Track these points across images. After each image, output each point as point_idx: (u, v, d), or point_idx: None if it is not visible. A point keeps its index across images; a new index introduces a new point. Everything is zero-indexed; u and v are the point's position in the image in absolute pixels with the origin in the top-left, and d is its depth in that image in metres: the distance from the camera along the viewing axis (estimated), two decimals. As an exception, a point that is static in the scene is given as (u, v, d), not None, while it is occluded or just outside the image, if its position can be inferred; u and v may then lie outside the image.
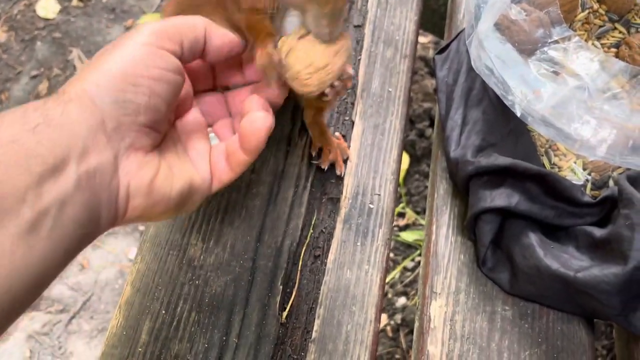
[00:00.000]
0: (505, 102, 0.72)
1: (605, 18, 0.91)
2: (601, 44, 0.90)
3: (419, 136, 1.71)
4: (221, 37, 0.57)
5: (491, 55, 0.70)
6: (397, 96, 0.88)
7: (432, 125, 1.72)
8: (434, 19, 1.21)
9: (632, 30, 0.90)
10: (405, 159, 1.66)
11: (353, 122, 0.85)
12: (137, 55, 0.49)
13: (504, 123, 0.79)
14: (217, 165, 0.57)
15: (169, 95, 0.51)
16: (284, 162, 0.81)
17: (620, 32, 0.90)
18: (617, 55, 0.87)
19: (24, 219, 0.40)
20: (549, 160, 0.79)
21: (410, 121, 1.75)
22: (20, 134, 0.42)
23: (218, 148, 0.59)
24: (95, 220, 0.46)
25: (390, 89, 0.88)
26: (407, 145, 1.69)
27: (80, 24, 2.13)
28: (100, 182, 0.46)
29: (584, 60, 0.65)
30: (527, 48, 0.83)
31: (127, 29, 2.11)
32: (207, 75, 0.63)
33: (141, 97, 0.49)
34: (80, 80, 0.48)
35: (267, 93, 0.60)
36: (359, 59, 0.91)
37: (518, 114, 0.70)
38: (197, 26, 0.55)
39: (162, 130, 0.54)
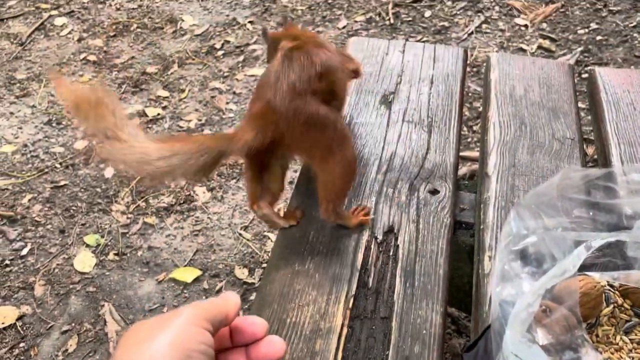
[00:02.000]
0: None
1: (631, 313, 0.92)
2: (630, 339, 0.90)
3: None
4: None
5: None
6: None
7: (463, 388, 1.66)
8: (459, 295, 1.23)
9: (659, 327, 0.91)
10: None
11: None
12: (187, 333, 0.62)
13: None
14: None
15: None
16: None
17: (647, 327, 0.91)
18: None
19: None
20: None
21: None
22: None
23: None
24: None
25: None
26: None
27: (114, 277, 2.20)
28: None
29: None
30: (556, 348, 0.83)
31: (159, 282, 2.17)
32: None
33: None
34: (143, 352, 0.59)
35: None
36: (387, 354, 0.91)
37: None
38: (227, 304, 0.68)
39: None
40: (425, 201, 1.16)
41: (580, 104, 2.08)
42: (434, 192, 1.18)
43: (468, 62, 2.99)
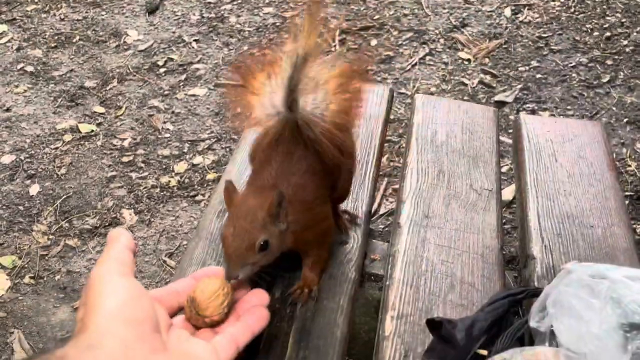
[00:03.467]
0: None
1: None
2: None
3: None
4: None
5: None
6: None
7: None
8: (366, 352, 1.19)
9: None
10: None
11: None
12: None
13: None
14: (223, 350, 0.79)
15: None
16: None
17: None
18: None
19: None
20: None
21: None
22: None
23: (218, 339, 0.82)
24: None
25: None
26: None
27: (28, 302, 2.10)
28: None
29: None
30: None
31: (75, 309, 2.07)
32: None
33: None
34: (99, 316, 0.69)
35: None
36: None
37: None
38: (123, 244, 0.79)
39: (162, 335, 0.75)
40: (331, 253, 1.12)
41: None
42: (342, 242, 1.14)
43: (409, 94, 2.98)
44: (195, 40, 3.45)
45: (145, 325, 0.70)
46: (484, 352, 0.98)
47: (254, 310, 0.87)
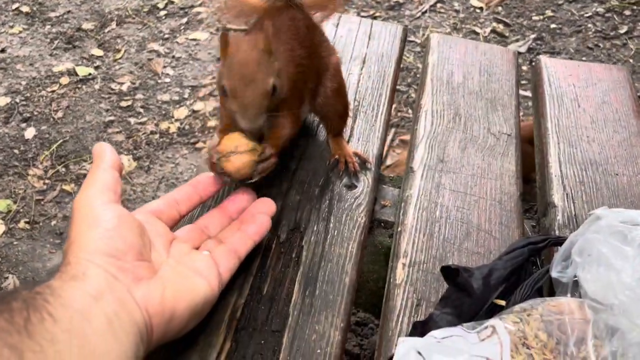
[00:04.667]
0: None
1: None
2: None
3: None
4: None
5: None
6: None
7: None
8: (374, 300, 1.13)
9: None
10: None
11: None
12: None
13: None
14: (223, 261, 0.82)
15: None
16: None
17: None
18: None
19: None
20: None
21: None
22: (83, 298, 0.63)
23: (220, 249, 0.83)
24: (142, 334, 0.66)
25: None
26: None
27: (23, 247, 2.04)
28: (130, 308, 0.66)
29: None
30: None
31: (71, 256, 2.02)
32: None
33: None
34: (81, 249, 0.68)
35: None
36: (275, 374, 0.80)
37: None
38: (108, 163, 0.80)
39: (151, 260, 0.75)
40: (340, 196, 1.04)
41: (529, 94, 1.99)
42: (351, 186, 1.07)
43: (419, 42, 2.87)
44: (197, -18, 3.32)
45: (127, 256, 0.70)
46: (502, 303, 0.92)
47: (254, 219, 0.88)
